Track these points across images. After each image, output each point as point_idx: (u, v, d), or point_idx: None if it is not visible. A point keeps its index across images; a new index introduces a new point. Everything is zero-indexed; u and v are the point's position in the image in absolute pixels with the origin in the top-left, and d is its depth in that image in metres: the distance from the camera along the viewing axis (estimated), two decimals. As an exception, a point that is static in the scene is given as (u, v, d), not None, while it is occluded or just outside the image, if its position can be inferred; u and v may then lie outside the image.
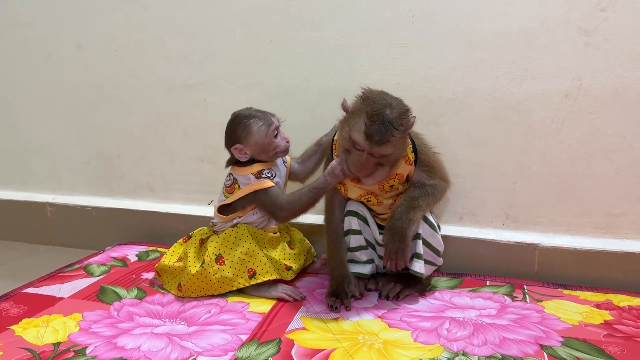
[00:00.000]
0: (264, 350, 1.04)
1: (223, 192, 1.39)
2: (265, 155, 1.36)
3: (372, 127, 1.12)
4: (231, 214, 1.37)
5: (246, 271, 1.29)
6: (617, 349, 1.05)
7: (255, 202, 1.35)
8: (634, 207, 1.38)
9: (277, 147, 1.36)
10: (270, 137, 1.34)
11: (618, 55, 1.33)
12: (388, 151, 1.14)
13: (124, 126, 1.78)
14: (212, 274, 1.27)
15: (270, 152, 1.35)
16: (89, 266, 1.50)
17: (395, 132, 1.13)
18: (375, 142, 1.12)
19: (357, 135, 1.14)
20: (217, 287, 1.28)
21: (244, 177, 1.35)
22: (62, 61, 1.79)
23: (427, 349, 1.05)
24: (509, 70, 1.40)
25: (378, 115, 1.12)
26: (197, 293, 1.29)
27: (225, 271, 1.28)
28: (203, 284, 1.28)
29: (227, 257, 1.30)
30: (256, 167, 1.35)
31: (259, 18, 1.58)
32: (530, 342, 1.07)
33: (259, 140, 1.33)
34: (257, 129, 1.33)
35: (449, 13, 1.42)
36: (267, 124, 1.34)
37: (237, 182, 1.36)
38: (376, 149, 1.13)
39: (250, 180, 1.34)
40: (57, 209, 1.83)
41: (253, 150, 1.34)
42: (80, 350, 1.06)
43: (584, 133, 1.39)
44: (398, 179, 1.24)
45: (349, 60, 1.52)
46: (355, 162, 1.17)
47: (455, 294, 1.31)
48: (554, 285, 1.37)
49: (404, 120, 1.15)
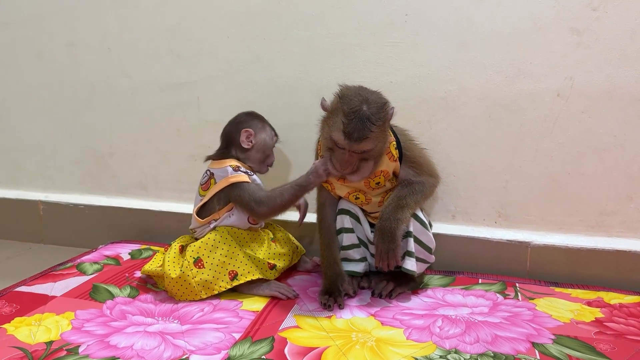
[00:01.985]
0: (257, 349, 1.04)
1: (199, 192, 1.38)
2: (257, 158, 1.40)
3: (350, 125, 1.13)
4: (207, 216, 1.35)
5: (227, 273, 1.28)
6: (607, 346, 1.06)
7: (232, 199, 1.33)
8: (624, 206, 1.40)
9: (269, 158, 1.43)
10: (271, 145, 1.42)
11: (609, 55, 1.34)
12: (368, 147, 1.15)
13: (116, 125, 1.77)
14: (191, 277, 1.26)
15: (263, 157, 1.41)
16: (81, 264, 1.50)
17: (374, 128, 1.14)
18: (355, 139, 1.13)
19: (336, 134, 1.15)
20: (198, 291, 1.26)
21: (220, 170, 1.35)
22: (54, 59, 1.78)
23: (420, 346, 1.05)
24: (501, 69, 1.41)
25: (355, 112, 1.13)
26: (179, 297, 1.27)
27: (205, 274, 1.27)
28: (183, 288, 1.27)
29: (206, 259, 1.28)
30: (234, 161, 1.36)
31: (252, 17, 1.57)
32: (522, 340, 1.08)
33: (267, 139, 1.41)
34: (269, 131, 1.42)
35: (441, 12, 1.43)
36: (272, 136, 1.43)
37: (214, 176, 1.35)
38: (356, 146, 1.14)
39: (227, 173, 1.33)
40: (50, 207, 1.83)
41: (257, 144, 1.39)
42: (73, 349, 1.05)
43: (576, 132, 1.40)
44: (383, 176, 1.25)
45: (342, 59, 1.52)
46: (340, 160, 1.17)
47: (447, 292, 1.32)
48: (546, 283, 1.38)
49: (382, 114, 1.16)
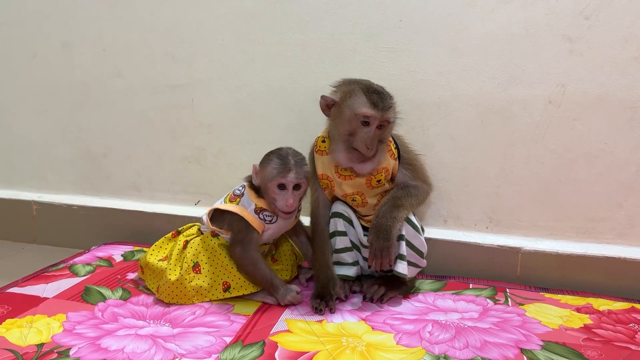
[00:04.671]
0: (247, 353, 1.05)
1: (226, 198, 1.34)
2: (265, 197, 1.28)
3: (374, 96, 1.20)
4: (217, 225, 1.32)
5: (221, 283, 1.28)
6: (595, 352, 1.07)
7: (232, 224, 1.30)
8: (614, 213, 1.41)
9: (274, 200, 1.26)
10: (274, 184, 1.24)
11: (601, 62, 1.35)
12: (392, 117, 1.23)
13: (110, 126, 1.77)
14: (187, 281, 1.26)
15: (268, 199, 1.27)
16: (74, 266, 1.50)
17: (393, 99, 1.23)
18: (382, 108, 1.19)
19: (362, 109, 1.19)
20: (191, 296, 1.27)
21: (247, 201, 1.29)
22: (49, 60, 1.78)
23: (409, 351, 1.06)
24: (494, 75, 1.42)
25: (372, 87, 1.22)
26: (170, 299, 1.27)
27: (201, 280, 1.27)
28: (178, 291, 1.26)
29: (203, 266, 1.29)
30: (263, 203, 1.28)
31: (247, 20, 1.58)
32: (510, 346, 1.09)
33: (265, 177, 1.26)
34: (270, 168, 1.25)
35: (435, 18, 1.43)
36: (280, 171, 1.24)
37: (242, 198, 1.30)
38: (385, 115, 1.20)
39: (249, 208, 1.28)
40: (43, 208, 1.82)
41: (261, 182, 1.28)
42: (64, 351, 1.05)
43: (567, 139, 1.41)
44: (384, 174, 1.26)
45: (336, 63, 1.53)
46: (366, 140, 1.20)
47: (438, 297, 1.33)
48: (536, 288, 1.39)
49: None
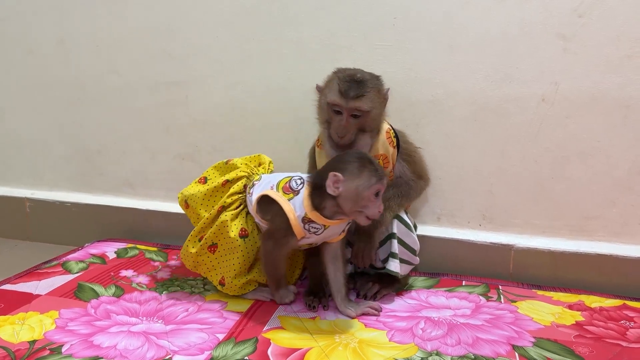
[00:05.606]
0: (240, 350, 1.05)
1: (278, 185, 1.21)
2: (348, 206, 1.12)
3: (346, 84, 1.19)
4: (260, 214, 1.23)
5: (220, 276, 1.27)
6: (586, 349, 1.08)
7: (275, 217, 1.19)
8: (607, 211, 1.41)
9: (365, 207, 1.11)
10: (371, 193, 1.11)
11: (595, 61, 1.36)
12: (365, 106, 1.19)
13: (105, 122, 1.76)
14: (201, 257, 1.28)
15: (355, 207, 1.12)
16: (67, 263, 1.50)
17: (368, 88, 1.19)
18: (352, 97, 1.18)
19: (332, 96, 1.20)
20: (206, 270, 1.29)
21: (300, 206, 1.16)
22: (44, 56, 1.77)
23: (402, 348, 1.06)
24: (488, 74, 1.42)
25: (350, 75, 1.21)
26: (192, 267, 1.31)
27: (212, 263, 1.28)
28: (196, 263, 1.30)
29: (219, 249, 1.26)
30: (315, 216, 1.15)
31: (243, 17, 1.58)
32: (502, 342, 1.09)
33: (360, 185, 1.10)
34: (365, 175, 1.11)
35: (430, 16, 1.44)
36: (379, 178, 1.12)
37: (295, 196, 1.17)
38: (352, 104, 1.18)
39: (297, 213, 1.16)
40: (36, 205, 1.82)
41: (348, 191, 1.11)
42: (56, 348, 1.05)
43: (561, 137, 1.41)
44: (383, 161, 1.27)
45: (332, 60, 1.51)
46: (337, 128, 1.20)
47: (431, 294, 1.33)
48: (529, 285, 1.39)
49: (377, 81, 1.23)
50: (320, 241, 1.22)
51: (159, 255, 1.57)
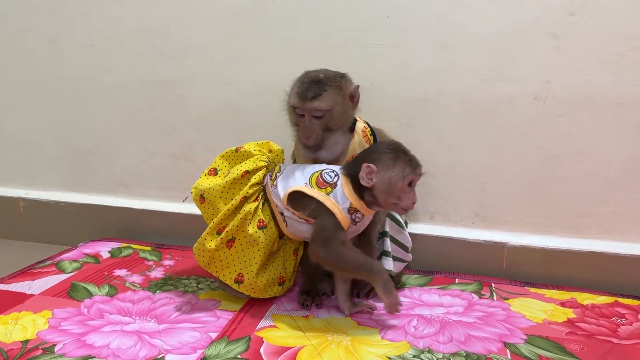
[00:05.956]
0: (232, 348, 1.05)
1: (310, 180, 1.17)
2: (383, 197, 1.14)
3: (303, 86, 1.19)
4: (294, 208, 1.17)
5: (237, 272, 1.21)
6: (577, 346, 1.08)
7: (317, 216, 1.15)
8: (599, 209, 1.42)
9: (399, 199, 1.13)
10: (405, 183, 1.12)
11: (586, 59, 1.36)
12: (324, 105, 1.19)
13: (99, 122, 1.76)
14: (218, 253, 1.20)
15: (390, 199, 1.14)
16: (60, 263, 1.50)
17: (327, 87, 1.19)
18: (309, 98, 1.18)
19: (293, 99, 1.21)
20: (220, 269, 1.21)
21: (342, 197, 1.14)
22: (36, 55, 1.77)
23: (394, 346, 1.07)
24: (480, 72, 1.43)
25: (309, 76, 1.21)
26: (204, 264, 1.22)
27: (227, 259, 1.21)
28: (211, 259, 1.21)
29: (236, 244, 1.19)
30: (359, 204, 1.15)
31: (236, 16, 1.57)
32: (494, 340, 1.10)
33: (394, 176, 1.12)
34: (399, 166, 1.13)
35: (422, 15, 1.44)
36: (413, 168, 1.14)
37: (334, 189, 1.15)
38: (310, 105, 1.18)
39: (342, 205, 1.14)
40: (30, 204, 1.82)
41: (382, 182, 1.13)
42: (49, 348, 1.05)
43: (553, 135, 1.42)
44: None
45: (325, 59, 1.51)
46: (303, 130, 1.21)
47: (424, 292, 1.33)
48: (521, 283, 1.40)
49: (337, 79, 1.21)
50: (355, 234, 1.21)
51: (153, 254, 1.57)
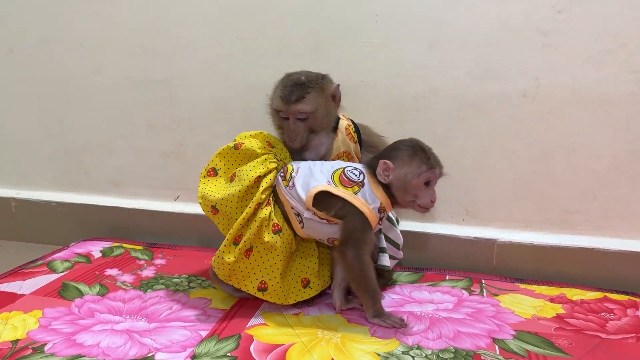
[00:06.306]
0: (222, 346, 1.05)
1: (334, 177, 1.14)
2: (400, 194, 1.13)
3: (286, 89, 1.20)
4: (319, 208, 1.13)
5: (259, 280, 1.17)
6: (565, 341, 1.09)
7: (345, 217, 1.13)
8: (588, 205, 1.43)
9: (416, 197, 1.12)
10: (421, 181, 1.11)
11: (575, 56, 1.37)
12: (308, 108, 1.19)
13: (89, 121, 1.76)
14: (237, 262, 1.16)
15: (407, 197, 1.13)
16: (52, 262, 1.49)
17: (310, 89, 1.20)
18: (293, 101, 1.19)
19: (276, 103, 1.21)
20: (241, 280, 1.17)
21: (371, 195, 1.13)
22: (26, 55, 1.76)
23: (383, 343, 1.07)
24: (470, 70, 1.43)
25: (291, 79, 1.22)
26: (224, 277, 1.18)
27: (247, 269, 1.17)
28: (232, 272, 1.17)
29: (254, 252, 1.16)
30: (387, 202, 1.14)
31: (227, 15, 1.57)
32: (483, 336, 1.10)
33: (409, 173, 1.11)
34: (416, 163, 1.11)
35: (412, 13, 1.44)
36: (430, 166, 1.12)
37: (362, 188, 1.14)
38: (294, 108, 1.19)
39: (372, 205, 1.12)
40: (22, 204, 1.81)
41: (397, 179, 1.12)
42: (39, 347, 1.05)
43: (542, 132, 1.42)
44: (347, 158, 1.28)
45: (314, 58, 1.53)
46: (288, 133, 1.22)
47: (415, 289, 1.34)
48: (511, 279, 1.41)
49: (319, 80, 1.22)
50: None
51: (144, 254, 1.57)
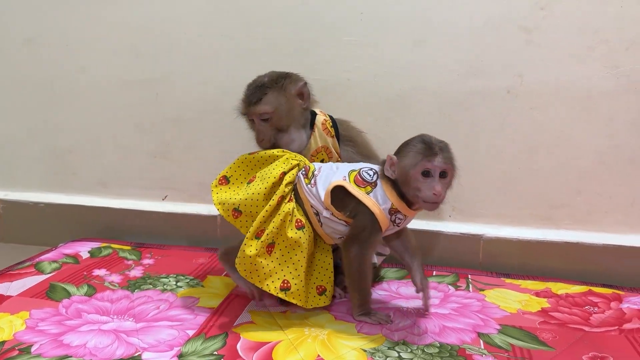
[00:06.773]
0: (209, 345, 1.06)
1: (350, 176, 1.14)
2: (405, 190, 1.09)
3: (247, 93, 1.25)
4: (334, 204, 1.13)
5: (281, 280, 1.14)
6: (549, 335, 1.10)
7: (356, 216, 1.13)
8: (572, 200, 1.45)
9: (417, 190, 1.07)
10: (417, 172, 1.06)
11: (557, 52, 1.39)
12: (266, 109, 1.22)
13: (76, 122, 1.75)
14: (259, 257, 1.12)
15: (410, 191, 1.08)
16: (39, 263, 1.49)
17: (268, 90, 1.23)
18: (252, 103, 1.23)
19: (240, 106, 1.26)
20: (262, 279, 1.13)
21: (383, 197, 1.11)
22: (11, 56, 1.76)
23: (370, 339, 1.08)
24: (454, 67, 1.44)
25: (255, 82, 1.26)
26: (245, 273, 1.13)
27: (269, 266, 1.13)
28: (253, 267, 1.12)
29: (276, 249, 1.13)
30: (399, 204, 1.11)
31: (212, 15, 1.58)
32: (468, 330, 1.12)
33: (407, 165, 1.07)
34: (413, 153, 1.07)
35: (396, 11, 1.45)
36: (426, 155, 1.05)
37: (374, 188, 1.13)
38: (254, 109, 1.23)
39: (383, 206, 1.11)
40: (9, 206, 1.81)
41: (399, 173, 1.09)
42: (25, 348, 1.05)
43: (526, 128, 1.44)
44: (325, 153, 1.29)
45: (301, 57, 1.53)
46: (256, 134, 1.26)
47: (402, 285, 1.35)
48: (497, 274, 1.42)
49: (279, 80, 1.25)
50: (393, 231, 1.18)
51: (132, 254, 1.57)
